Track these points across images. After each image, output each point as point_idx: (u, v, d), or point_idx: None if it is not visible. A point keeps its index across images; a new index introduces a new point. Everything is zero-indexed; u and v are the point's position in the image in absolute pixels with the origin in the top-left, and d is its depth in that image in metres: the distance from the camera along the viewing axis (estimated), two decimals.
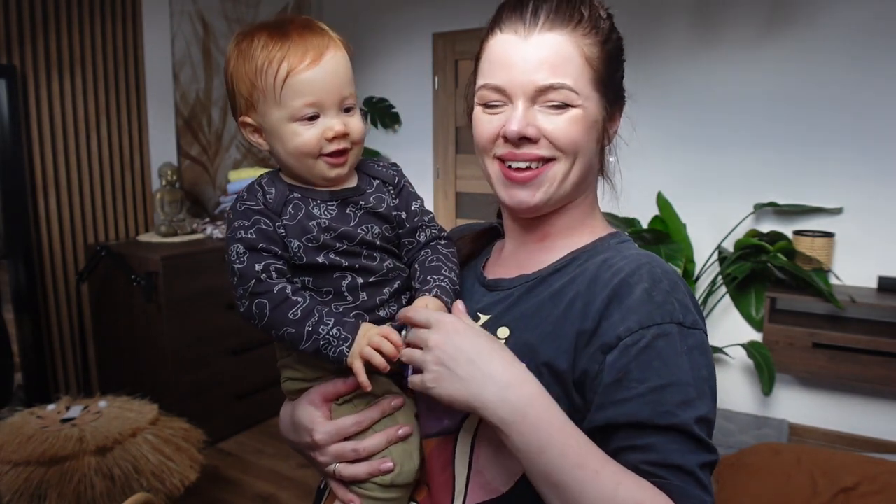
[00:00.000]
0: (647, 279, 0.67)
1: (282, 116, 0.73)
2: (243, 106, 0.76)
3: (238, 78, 0.75)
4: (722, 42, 2.90)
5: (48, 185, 2.69)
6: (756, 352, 2.75)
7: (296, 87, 0.72)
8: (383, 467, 0.73)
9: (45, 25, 2.62)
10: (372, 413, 0.75)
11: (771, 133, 2.86)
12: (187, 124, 3.27)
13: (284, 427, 0.84)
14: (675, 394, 0.62)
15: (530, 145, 0.72)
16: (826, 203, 2.78)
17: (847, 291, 2.64)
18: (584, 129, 0.73)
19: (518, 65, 0.72)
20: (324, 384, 0.77)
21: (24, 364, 2.65)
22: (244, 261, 0.72)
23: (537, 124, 0.72)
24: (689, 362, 0.64)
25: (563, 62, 0.71)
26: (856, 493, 1.75)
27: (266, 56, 0.72)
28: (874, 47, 2.61)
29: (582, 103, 0.72)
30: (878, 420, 2.77)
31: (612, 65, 0.75)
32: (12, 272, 2.61)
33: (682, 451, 0.61)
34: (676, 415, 0.61)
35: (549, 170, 0.73)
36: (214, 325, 2.82)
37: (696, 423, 0.62)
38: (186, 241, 2.89)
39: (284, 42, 0.72)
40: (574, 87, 0.71)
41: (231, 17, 3.45)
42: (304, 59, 0.72)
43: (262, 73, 0.72)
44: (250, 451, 2.84)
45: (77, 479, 1.86)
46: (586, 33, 0.72)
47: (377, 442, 0.74)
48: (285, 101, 0.72)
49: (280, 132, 0.74)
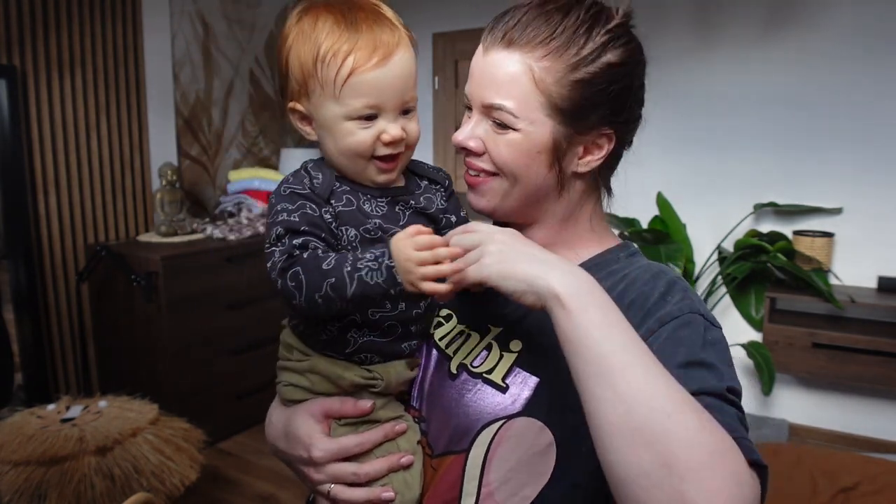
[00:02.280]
0: (663, 285, 0.69)
1: (338, 113, 0.69)
2: (295, 91, 0.71)
3: (296, 59, 0.69)
4: (722, 42, 2.90)
5: (48, 184, 2.69)
6: (756, 352, 2.75)
7: (358, 87, 0.67)
8: (384, 496, 0.70)
9: (45, 25, 2.62)
10: (375, 435, 0.72)
11: (771, 133, 2.86)
12: (187, 124, 3.27)
13: (274, 433, 0.80)
14: (701, 370, 0.62)
15: (475, 157, 0.74)
16: (826, 203, 2.78)
17: (847, 291, 2.64)
18: (521, 153, 0.71)
19: (475, 77, 0.72)
20: (330, 399, 0.74)
21: (24, 364, 2.65)
22: (284, 242, 0.67)
23: (482, 138, 0.72)
24: (713, 349, 0.64)
25: (508, 83, 0.69)
26: (856, 493, 1.75)
27: (330, 46, 0.66)
28: (874, 47, 2.61)
29: (523, 127, 0.69)
30: (878, 420, 2.77)
31: (586, 91, 0.69)
32: (12, 272, 2.61)
33: (718, 405, 0.60)
34: (706, 381, 0.61)
35: (492, 181, 0.74)
36: (214, 325, 2.82)
37: (728, 391, 0.61)
38: (186, 241, 2.89)
39: (353, 33, 0.67)
40: (512, 110, 0.69)
41: (231, 17, 3.45)
42: (371, 58, 0.67)
43: (324, 63, 0.67)
44: (250, 451, 2.84)
45: (77, 479, 1.86)
46: (544, 56, 0.68)
47: (378, 468, 0.71)
48: (344, 99, 0.68)
49: (333, 128, 0.70)
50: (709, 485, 0.50)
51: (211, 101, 3.38)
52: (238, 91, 3.53)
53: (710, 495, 0.50)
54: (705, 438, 0.52)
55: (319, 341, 0.74)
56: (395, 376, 0.74)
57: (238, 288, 2.90)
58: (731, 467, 0.52)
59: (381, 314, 0.72)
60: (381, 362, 0.74)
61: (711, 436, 0.53)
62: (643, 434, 0.53)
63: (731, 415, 0.59)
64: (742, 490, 0.51)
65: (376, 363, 0.74)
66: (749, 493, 0.52)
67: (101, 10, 2.82)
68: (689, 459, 0.51)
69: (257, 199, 3.27)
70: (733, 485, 0.51)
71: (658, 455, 0.52)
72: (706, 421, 0.54)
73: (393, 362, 0.75)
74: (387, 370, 0.74)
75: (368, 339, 0.73)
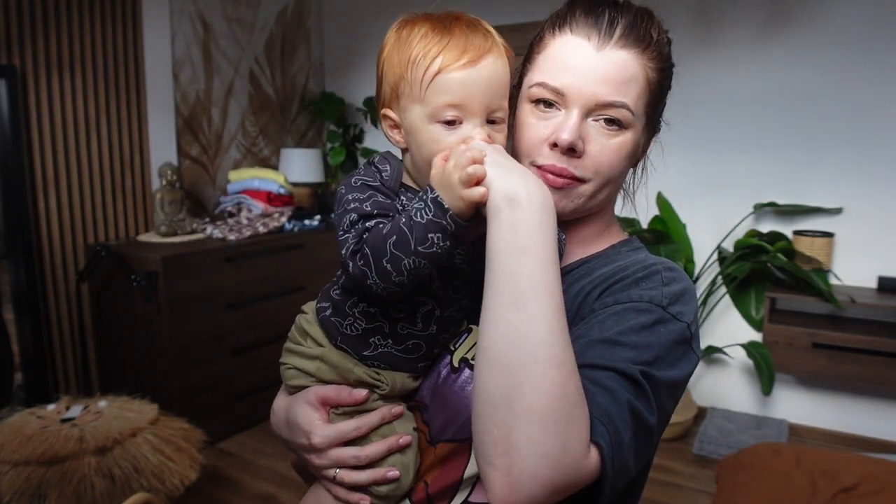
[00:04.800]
0: (644, 272, 0.71)
1: (422, 114, 0.68)
2: (388, 96, 0.72)
3: (390, 65, 0.71)
4: (722, 42, 2.90)
5: (48, 184, 2.69)
6: (756, 352, 2.75)
7: (443, 85, 0.67)
8: (389, 475, 0.72)
9: (45, 25, 2.62)
10: (372, 419, 0.74)
11: (771, 133, 2.86)
12: (187, 124, 3.27)
13: (277, 422, 0.82)
14: (621, 348, 0.63)
15: (571, 159, 0.71)
16: (826, 203, 2.78)
17: (847, 291, 2.64)
18: (626, 155, 0.73)
19: (585, 73, 0.70)
20: (326, 387, 0.76)
21: (24, 364, 2.65)
22: (357, 227, 0.67)
23: (586, 140, 0.71)
24: (653, 337, 0.65)
25: (629, 81, 0.70)
26: (856, 493, 1.75)
27: (423, 47, 0.67)
28: (874, 47, 2.61)
29: (636, 125, 0.72)
30: (878, 420, 2.77)
31: (662, 92, 0.75)
32: (12, 272, 2.61)
33: (614, 387, 0.61)
34: (616, 358, 0.62)
35: (579, 186, 0.73)
36: (214, 325, 2.82)
37: (643, 375, 0.62)
38: (186, 241, 2.89)
39: (445, 36, 0.67)
40: (633, 109, 0.71)
41: (231, 17, 3.45)
42: (460, 58, 0.66)
43: (414, 64, 0.68)
44: (250, 451, 2.84)
45: (77, 479, 1.86)
46: (653, 57, 0.72)
47: (378, 449, 0.73)
48: (428, 98, 0.67)
49: (418, 132, 0.69)
50: (537, 435, 0.54)
51: (211, 101, 3.38)
52: (238, 91, 3.53)
53: (532, 444, 0.54)
54: (556, 397, 0.55)
55: (341, 334, 0.75)
56: (400, 384, 0.76)
57: (238, 288, 2.90)
58: (565, 433, 0.55)
59: (409, 331, 0.73)
60: (389, 371, 0.75)
61: (564, 399, 0.56)
62: (505, 363, 0.57)
63: (619, 399, 0.60)
64: (565, 458, 0.55)
65: (384, 370, 0.75)
66: (570, 463, 0.55)
67: (101, 10, 2.82)
68: (531, 405, 0.55)
69: (257, 199, 3.27)
70: (558, 447, 0.54)
71: (507, 386, 0.56)
72: (570, 385, 0.57)
73: (400, 373, 0.76)
74: (393, 377, 0.75)
75: (389, 351, 0.74)
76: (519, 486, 0.54)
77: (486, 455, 0.57)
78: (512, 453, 0.55)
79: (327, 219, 3.51)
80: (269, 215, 3.24)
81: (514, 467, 0.55)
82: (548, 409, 0.55)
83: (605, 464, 0.58)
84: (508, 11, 3.20)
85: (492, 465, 0.56)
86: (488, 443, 0.57)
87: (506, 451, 0.55)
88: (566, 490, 0.56)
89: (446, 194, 0.62)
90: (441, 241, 0.63)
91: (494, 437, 0.56)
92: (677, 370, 0.66)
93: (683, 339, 0.68)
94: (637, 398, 0.61)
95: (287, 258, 3.15)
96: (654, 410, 0.63)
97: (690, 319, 0.69)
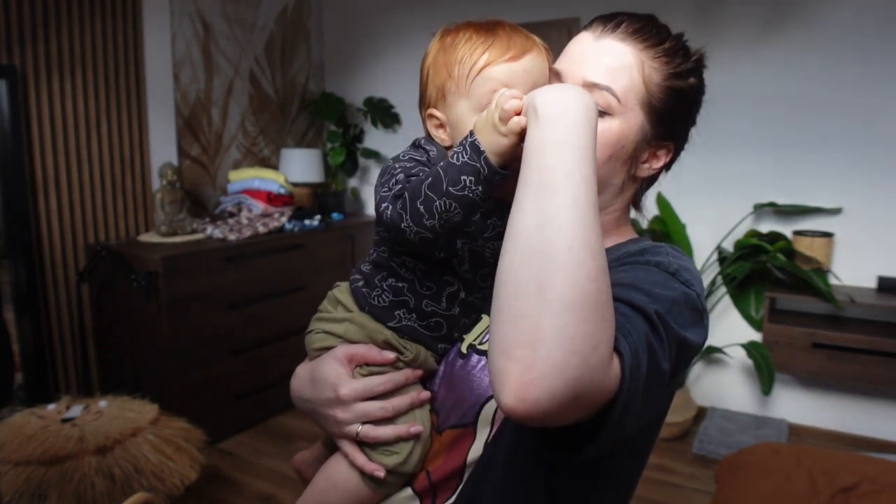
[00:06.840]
0: (647, 247, 0.74)
1: (468, 107, 0.73)
2: (433, 97, 0.76)
3: (436, 69, 0.75)
4: (721, 42, 2.90)
5: (48, 184, 2.69)
6: (756, 352, 2.75)
7: (488, 76, 0.71)
8: (413, 430, 0.75)
9: (45, 25, 2.62)
10: (399, 376, 0.76)
11: (770, 133, 2.86)
12: (187, 124, 3.27)
13: (299, 383, 0.84)
14: (637, 291, 0.63)
15: None
16: (825, 203, 2.78)
17: (846, 291, 2.64)
18: (609, 143, 0.73)
19: (580, 56, 0.75)
20: (355, 345, 0.78)
21: (25, 364, 2.65)
22: (400, 180, 0.69)
23: None
24: (664, 290, 0.65)
25: (619, 70, 0.72)
26: (855, 493, 1.75)
27: (469, 48, 0.73)
28: (873, 48, 2.61)
29: (621, 115, 0.73)
30: (877, 420, 2.77)
31: (674, 102, 0.75)
32: (12, 272, 2.61)
33: (632, 316, 0.59)
34: (634, 297, 0.61)
35: None
36: (214, 325, 2.82)
37: (657, 314, 0.60)
38: (186, 241, 2.89)
39: (489, 37, 0.73)
40: (617, 94, 0.72)
41: (231, 17, 3.45)
42: (504, 54, 0.71)
43: (461, 62, 0.72)
44: (250, 451, 2.84)
45: (77, 479, 1.86)
46: (656, 56, 0.74)
47: (403, 401, 0.75)
48: (474, 90, 0.72)
49: (464, 124, 0.72)
50: (570, 327, 0.49)
51: (211, 101, 3.38)
52: (238, 91, 3.53)
53: (562, 337, 0.49)
54: (590, 290, 0.51)
55: (369, 304, 0.79)
56: (423, 358, 0.79)
57: (238, 288, 2.90)
58: (596, 331, 0.51)
59: (433, 308, 0.77)
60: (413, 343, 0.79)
61: (597, 294, 0.52)
62: (537, 247, 0.53)
63: (637, 328, 0.58)
64: (594, 357, 0.50)
65: (408, 341, 0.79)
66: (597, 365, 0.51)
67: (101, 10, 2.82)
68: (564, 294, 0.50)
69: (257, 199, 3.27)
70: (589, 344, 0.50)
71: (540, 273, 0.51)
72: (602, 282, 0.53)
73: (423, 348, 0.79)
74: (417, 347, 0.79)
75: (412, 325, 0.77)
76: (539, 383, 0.48)
77: (505, 348, 0.51)
78: (538, 346, 0.49)
79: (327, 219, 3.51)
80: (270, 215, 3.24)
81: (538, 361, 0.49)
82: (581, 301, 0.50)
83: (624, 379, 0.54)
84: (517, 10, 3.20)
85: (512, 357, 0.50)
86: (511, 335, 0.51)
87: (531, 342, 0.49)
88: (584, 398, 0.51)
89: (486, 136, 0.63)
90: (473, 185, 0.64)
91: (519, 328, 0.51)
92: (689, 332, 0.65)
93: (695, 306, 0.67)
94: (653, 334, 0.59)
95: (287, 258, 3.15)
96: (668, 356, 0.60)
97: (700, 291, 0.70)
